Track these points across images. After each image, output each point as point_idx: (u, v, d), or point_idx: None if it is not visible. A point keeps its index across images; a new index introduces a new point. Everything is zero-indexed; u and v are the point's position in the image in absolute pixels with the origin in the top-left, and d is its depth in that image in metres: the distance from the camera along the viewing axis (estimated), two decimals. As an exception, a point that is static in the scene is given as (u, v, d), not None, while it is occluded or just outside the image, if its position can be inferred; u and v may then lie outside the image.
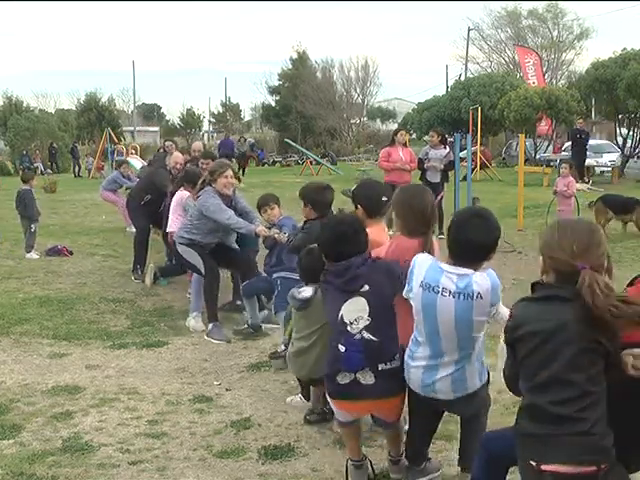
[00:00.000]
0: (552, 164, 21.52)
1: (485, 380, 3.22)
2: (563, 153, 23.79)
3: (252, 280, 6.25)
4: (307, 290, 3.94)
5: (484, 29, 47.58)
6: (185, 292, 7.36)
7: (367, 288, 3.23)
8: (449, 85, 39.58)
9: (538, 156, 24.73)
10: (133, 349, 5.84)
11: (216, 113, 61.38)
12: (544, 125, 24.75)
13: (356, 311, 3.23)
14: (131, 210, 8.97)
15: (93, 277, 8.49)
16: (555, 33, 46.41)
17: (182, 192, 7.19)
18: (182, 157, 8.69)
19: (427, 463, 3.45)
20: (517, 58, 36.72)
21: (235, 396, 4.73)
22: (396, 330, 3.29)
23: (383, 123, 54.85)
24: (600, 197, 11.00)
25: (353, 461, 3.49)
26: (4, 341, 6.00)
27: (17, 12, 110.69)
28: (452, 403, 3.18)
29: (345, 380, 3.23)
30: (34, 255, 9.60)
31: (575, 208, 10.66)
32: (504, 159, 30.69)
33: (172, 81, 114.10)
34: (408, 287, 3.13)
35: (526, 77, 29.99)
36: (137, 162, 18.92)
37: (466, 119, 25.83)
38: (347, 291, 3.26)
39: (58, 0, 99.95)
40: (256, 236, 6.08)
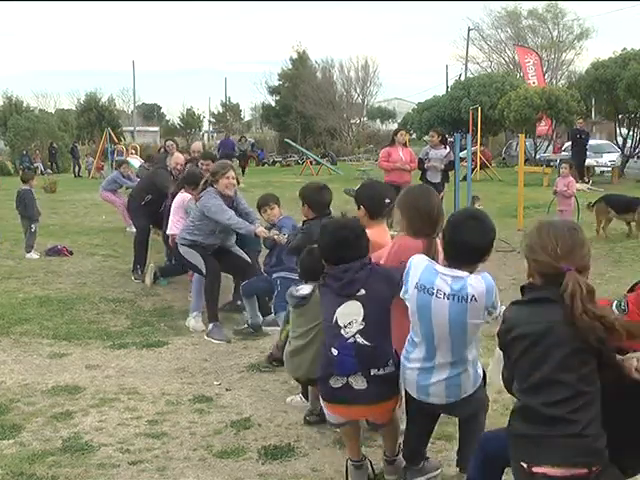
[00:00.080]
0: (552, 164, 21.53)
1: (480, 384, 3.20)
2: (563, 153, 23.81)
3: (252, 280, 6.26)
4: (305, 287, 3.94)
5: (484, 29, 47.70)
6: (185, 292, 7.36)
7: (363, 292, 3.22)
8: (449, 85, 39.64)
9: (538, 156, 24.75)
10: (133, 349, 5.84)
11: (216, 113, 61.41)
12: (544, 125, 24.76)
13: (350, 315, 3.21)
14: (132, 210, 8.98)
15: (93, 277, 8.49)
16: (555, 33, 46.44)
17: (183, 194, 7.18)
18: (183, 158, 8.70)
19: (425, 462, 3.45)
20: (517, 58, 36.74)
21: (235, 396, 4.73)
22: (390, 336, 3.26)
23: (383, 123, 54.85)
24: (602, 197, 10.99)
25: (353, 461, 3.48)
26: (4, 341, 6.00)
27: (17, 12, 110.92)
28: (447, 406, 3.17)
29: (337, 384, 3.20)
30: (34, 255, 9.60)
31: (575, 208, 10.67)
32: (504, 159, 30.70)
33: (172, 81, 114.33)
34: (404, 288, 3.12)
35: (526, 77, 29.99)
36: (137, 162, 18.88)
37: (466, 119, 25.84)
38: (343, 295, 3.24)
39: (58, 0, 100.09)
40: (256, 237, 6.13)
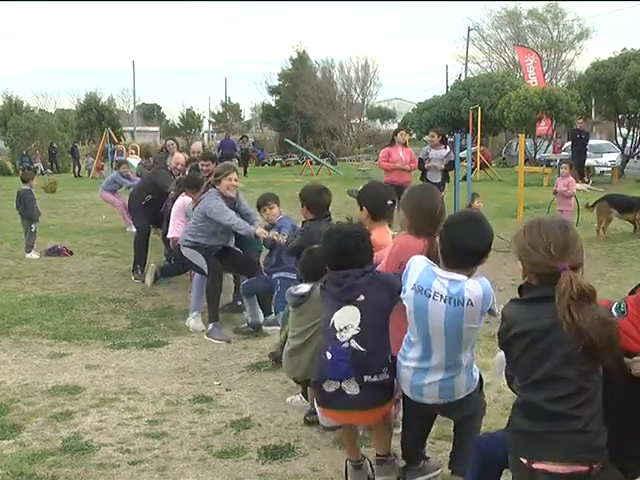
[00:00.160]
0: (552, 164, 21.53)
1: (476, 387, 3.19)
2: (563, 153, 23.81)
3: (252, 279, 6.27)
4: (304, 286, 3.95)
5: (484, 29, 47.69)
6: (185, 292, 7.36)
7: (362, 298, 3.21)
8: (449, 85, 39.64)
9: (538, 156, 24.74)
10: (133, 349, 5.84)
11: (216, 113, 61.39)
12: (544, 125, 24.75)
13: (347, 319, 3.20)
14: (132, 210, 8.98)
15: (93, 277, 8.49)
16: (555, 33, 46.44)
17: (184, 198, 7.19)
18: (183, 157, 8.70)
19: (425, 462, 3.44)
20: (517, 58, 36.73)
21: (235, 396, 4.73)
22: (387, 344, 3.24)
23: (383, 123, 54.84)
24: (604, 197, 11.05)
25: (352, 462, 3.48)
26: (4, 341, 6.00)
27: (17, 12, 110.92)
28: (442, 406, 3.16)
29: (331, 389, 3.19)
30: (34, 255, 9.60)
31: (575, 208, 10.68)
32: (504, 159, 30.70)
33: (172, 81, 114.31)
34: (403, 288, 3.12)
35: (526, 77, 29.99)
36: (136, 162, 18.86)
37: (466, 119, 25.84)
38: (342, 300, 3.24)
39: (58, 0, 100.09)
40: (256, 237, 6.14)
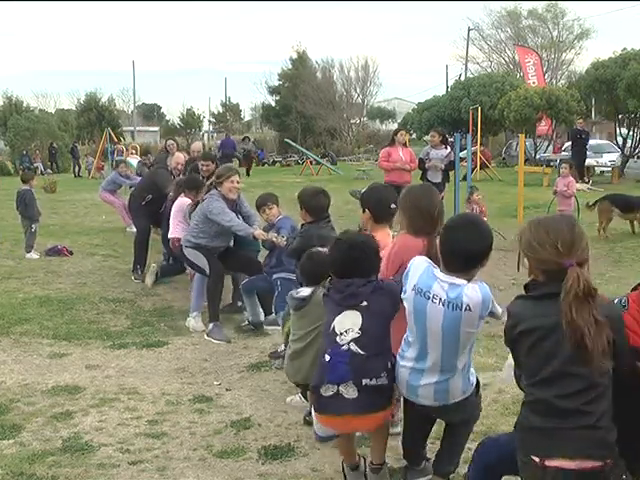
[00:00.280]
0: (552, 164, 21.53)
1: (472, 391, 3.17)
2: (563, 153, 23.82)
3: (252, 278, 6.27)
4: (305, 290, 3.96)
5: (484, 29, 47.71)
6: (185, 292, 7.35)
7: (365, 304, 3.21)
8: (449, 85, 39.63)
9: (538, 156, 24.74)
10: (133, 349, 5.84)
11: (216, 113, 61.41)
12: (544, 125, 24.75)
13: (348, 323, 3.20)
14: (132, 210, 8.97)
15: (93, 277, 8.49)
16: (555, 33, 46.46)
17: (183, 199, 7.19)
18: (183, 157, 8.70)
19: (427, 463, 3.44)
20: (517, 58, 36.74)
21: (235, 396, 4.72)
22: (387, 349, 3.23)
23: (383, 123, 54.85)
24: (605, 196, 11.13)
25: (348, 465, 3.47)
26: (4, 341, 6.00)
27: (17, 12, 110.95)
28: (438, 409, 3.15)
29: (328, 392, 3.15)
30: (34, 255, 9.60)
31: (575, 208, 10.68)
32: (504, 159, 30.70)
33: (172, 81, 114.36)
34: (403, 289, 3.12)
35: (526, 77, 29.97)
36: (136, 162, 18.89)
37: (466, 119, 25.84)
38: (343, 305, 3.24)
39: (58, 0, 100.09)
40: (254, 239, 6.15)
